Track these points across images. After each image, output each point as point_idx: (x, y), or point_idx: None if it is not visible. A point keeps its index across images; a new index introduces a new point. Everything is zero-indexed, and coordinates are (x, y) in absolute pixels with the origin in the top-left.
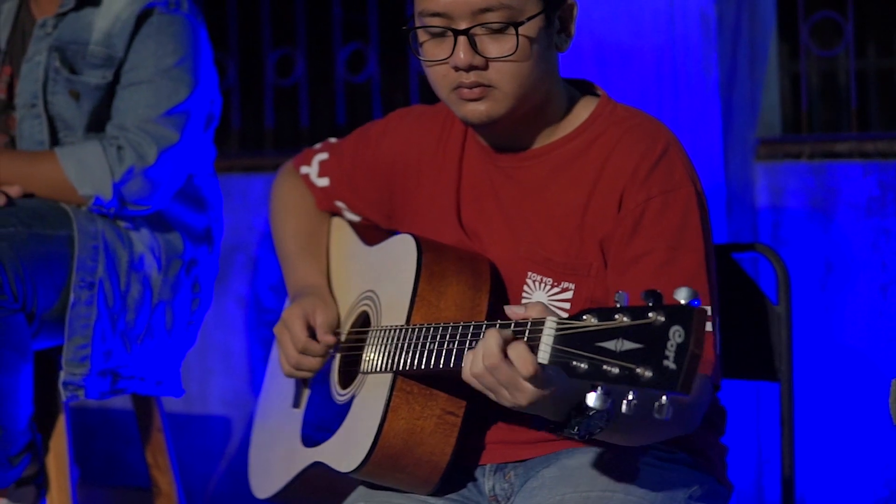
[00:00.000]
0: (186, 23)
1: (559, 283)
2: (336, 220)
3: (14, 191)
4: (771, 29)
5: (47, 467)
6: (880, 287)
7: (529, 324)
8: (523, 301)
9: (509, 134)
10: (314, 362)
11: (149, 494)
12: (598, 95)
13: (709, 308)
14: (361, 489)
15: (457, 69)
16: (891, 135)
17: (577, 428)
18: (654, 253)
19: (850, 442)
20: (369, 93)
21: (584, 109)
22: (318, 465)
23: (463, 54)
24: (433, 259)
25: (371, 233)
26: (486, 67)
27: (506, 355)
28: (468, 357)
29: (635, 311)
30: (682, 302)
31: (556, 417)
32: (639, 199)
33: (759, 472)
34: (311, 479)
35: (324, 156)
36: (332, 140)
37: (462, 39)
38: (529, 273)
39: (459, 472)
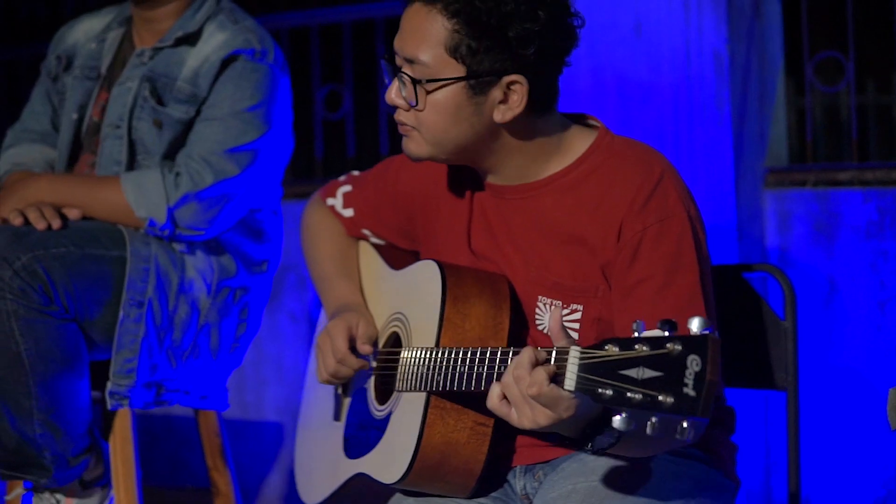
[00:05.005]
0: (268, 72)
1: (568, 305)
2: (362, 244)
3: (73, 214)
4: (778, 67)
5: (115, 469)
6: (879, 304)
7: (555, 351)
8: (536, 322)
9: (499, 171)
10: (350, 373)
11: (208, 494)
12: (594, 126)
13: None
14: (399, 496)
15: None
16: (889, 164)
17: (590, 444)
18: (653, 278)
19: (851, 446)
20: None
21: (583, 142)
22: (361, 476)
23: (392, 92)
24: (456, 283)
25: (395, 256)
26: (407, 110)
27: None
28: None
29: (654, 341)
30: (696, 331)
31: (573, 435)
32: (636, 228)
33: (768, 473)
34: (356, 486)
35: (347, 188)
36: (355, 173)
37: (395, 79)
38: (540, 297)
39: (493, 475)
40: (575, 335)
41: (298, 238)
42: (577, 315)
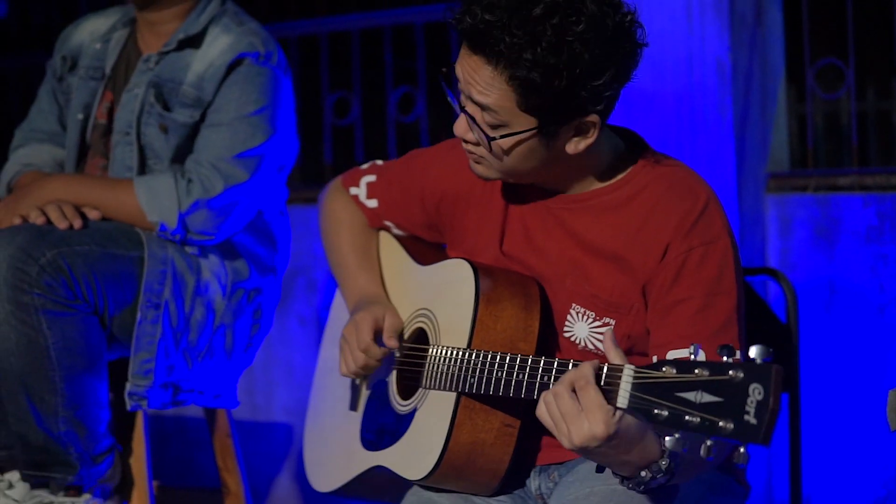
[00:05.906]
0: (273, 75)
1: (601, 318)
2: (383, 235)
3: (93, 214)
4: (780, 74)
5: (126, 470)
6: (878, 307)
7: (606, 367)
8: (565, 330)
9: (545, 182)
10: (373, 364)
11: (219, 494)
12: (639, 144)
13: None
14: (416, 487)
15: None
16: (888, 169)
17: (642, 487)
18: (693, 299)
19: (852, 446)
20: (418, 131)
21: (626, 159)
22: (380, 469)
23: (458, 126)
24: (489, 286)
25: (419, 250)
26: (477, 144)
27: (573, 390)
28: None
29: (714, 367)
30: (758, 360)
31: (622, 473)
32: (681, 249)
33: (770, 473)
34: (372, 478)
35: (371, 178)
36: (379, 162)
37: (463, 114)
38: (574, 305)
39: (517, 474)
40: (601, 346)
41: (308, 242)
42: (609, 329)
